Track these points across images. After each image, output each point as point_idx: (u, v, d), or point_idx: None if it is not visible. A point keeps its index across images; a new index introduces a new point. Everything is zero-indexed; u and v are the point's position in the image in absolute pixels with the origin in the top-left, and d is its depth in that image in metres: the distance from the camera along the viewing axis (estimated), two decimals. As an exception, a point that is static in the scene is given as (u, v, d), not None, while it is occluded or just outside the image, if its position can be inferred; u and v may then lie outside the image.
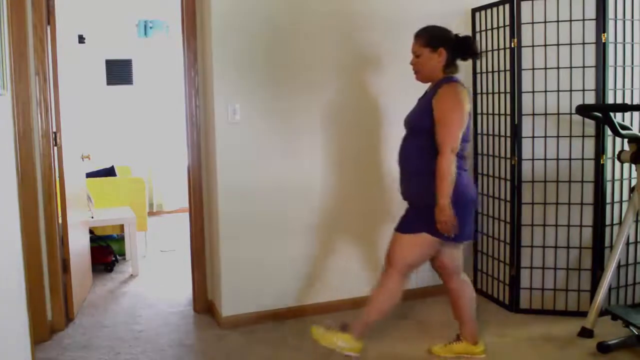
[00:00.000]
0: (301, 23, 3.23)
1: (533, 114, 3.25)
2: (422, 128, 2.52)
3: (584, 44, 3.13)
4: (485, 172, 3.59)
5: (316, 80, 3.28)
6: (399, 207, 3.52)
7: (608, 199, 3.21)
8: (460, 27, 3.57)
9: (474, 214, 2.66)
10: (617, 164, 3.20)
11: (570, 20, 3.14)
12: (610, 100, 3.14)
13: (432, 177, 2.44)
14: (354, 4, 3.32)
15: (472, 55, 2.64)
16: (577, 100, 3.15)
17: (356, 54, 3.36)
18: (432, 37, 2.54)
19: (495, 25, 3.39)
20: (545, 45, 3.19)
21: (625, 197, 3.26)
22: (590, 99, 3.15)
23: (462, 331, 2.80)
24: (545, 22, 3.18)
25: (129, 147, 6.46)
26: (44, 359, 2.86)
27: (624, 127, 2.99)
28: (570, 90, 3.18)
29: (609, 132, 3.08)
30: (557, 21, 3.16)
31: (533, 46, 3.21)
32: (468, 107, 2.49)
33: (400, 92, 3.45)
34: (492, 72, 3.45)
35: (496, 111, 3.44)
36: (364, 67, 3.38)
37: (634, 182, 3.16)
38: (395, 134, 2.69)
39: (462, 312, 2.76)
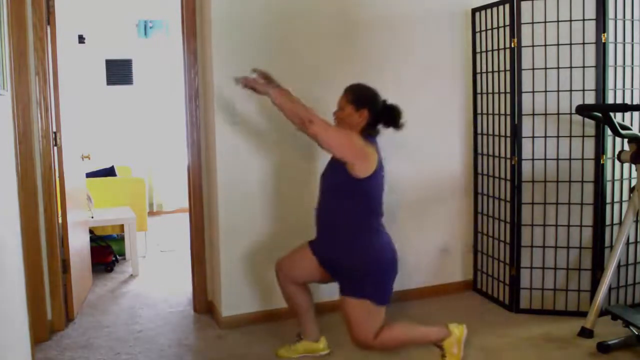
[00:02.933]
0: (302, 23, 3.23)
1: (533, 114, 3.25)
2: (339, 186, 2.47)
3: (584, 44, 3.13)
4: (485, 172, 3.59)
5: (317, 79, 3.28)
6: (403, 207, 3.55)
7: (608, 199, 3.21)
8: (460, 27, 3.60)
9: (394, 277, 2.50)
10: (617, 164, 3.20)
11: (570, 20, 3.14)
12: (610, 100, 3.14)
13: (359, 232, 2.44)
14: (354, 4, 3.32)
15: (394, 126, 2.53)
16: (577, 100, 3.15)
17: (357, 53, 3.36)
18: (358, 97, 2.50)
19: (495, 25, 3.39)
20: (545, 45, 3.19)
21: (625, 197, 3.26)
22: (590, 99, 3.15)
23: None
24: (545, 22, 3.18)
25: (129, 147, 6.46)
26: (44, 359, 2.86)
27: (624, 127, 2.99)
28: (570, 90, 3.18)
29: (609, 132, 3.08)
30: (557, 21, 3.16)
31: (533, 46, 3.21)
32: (372, 164, 2.39)
33: (400, 90, 3.45)
34: (492, 72, 3.45)
35: (496, 111, 3.44)
36: (365, 67, 3.38)
37: (634, 182, 3.16)
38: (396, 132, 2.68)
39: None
